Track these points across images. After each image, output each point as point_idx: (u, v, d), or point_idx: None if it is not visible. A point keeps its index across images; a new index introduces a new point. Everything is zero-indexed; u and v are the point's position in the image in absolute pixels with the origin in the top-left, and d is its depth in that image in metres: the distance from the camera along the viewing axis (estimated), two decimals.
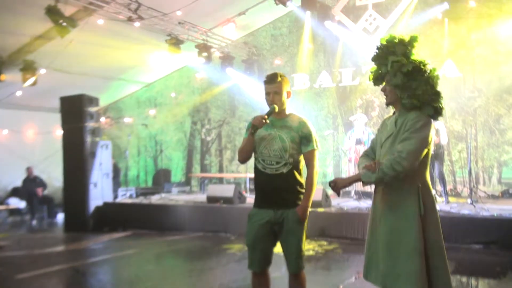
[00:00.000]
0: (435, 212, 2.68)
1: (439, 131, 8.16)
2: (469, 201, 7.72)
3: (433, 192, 2.96)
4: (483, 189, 9.51)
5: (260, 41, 12.28)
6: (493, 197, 9.17)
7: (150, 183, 13.54)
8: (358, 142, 9.69)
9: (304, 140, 3.21)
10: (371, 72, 2.87)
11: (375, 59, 2.81)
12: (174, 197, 10.47)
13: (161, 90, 13.67)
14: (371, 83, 2.93)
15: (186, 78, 13.27)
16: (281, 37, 12.12)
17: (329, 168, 11.32)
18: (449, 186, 9.24)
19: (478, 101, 9.78)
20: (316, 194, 2.93)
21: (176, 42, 9.84)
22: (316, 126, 3.33)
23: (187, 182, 13.15)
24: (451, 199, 8.66)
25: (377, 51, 2.79)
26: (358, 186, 8.81)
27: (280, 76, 3.25)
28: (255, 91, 11.50)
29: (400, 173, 2.55)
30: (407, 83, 2.64)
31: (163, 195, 10.40)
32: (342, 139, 10.85)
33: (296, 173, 3.20)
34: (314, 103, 11.50)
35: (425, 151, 2.63)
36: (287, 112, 3.31)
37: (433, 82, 2.68)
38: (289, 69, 11.61)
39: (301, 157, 3.25)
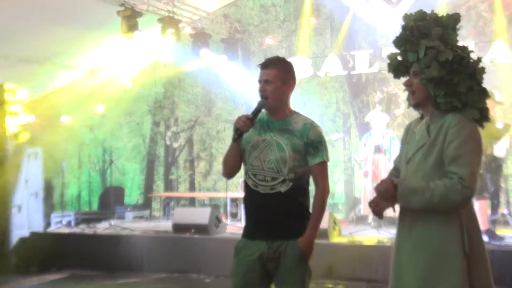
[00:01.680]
0: (483, 247, 2.67)
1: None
2: None
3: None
4: None
5: (245, 13, 12.30)
6: None
7: (95, 206, 13.46)
8: (377, 149, 9.68)
9: (311, 148, 3.19)
10: (390, 60, 2.87)
11: (400, 42, 2.79)
12: (128, 224, 10.43)
13: (112, 79, 13.59)
14: None
15: (145, 63, 13.22)
16: (273, 9, 12.17)
17: (338, 185, 11.34)
18: (500, 210, 9.26)
19: None
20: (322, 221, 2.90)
21: (131, 14, 9.77)
22: (322, 128, 3.32)
23: (146, 204, 13.10)
24: (502, 230, 8.65)
25: (403, 32, 2.77)
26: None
27: (280, 60, 3.27)
28: (239, 81, 11.49)
29: (456, 204, 2.55)
30: (446, 76, 2.62)
31: (113, 222, 10.36)
32: (355, 145, 10.89)
33: (298, 193, 3.20)
34: (318, 97, 11.55)
35: None
36: (289, 110, 3.30)
37: (478, 77, 2.69)
38: (284, 51, 11.64)
39: (306, 172, 3.23)
